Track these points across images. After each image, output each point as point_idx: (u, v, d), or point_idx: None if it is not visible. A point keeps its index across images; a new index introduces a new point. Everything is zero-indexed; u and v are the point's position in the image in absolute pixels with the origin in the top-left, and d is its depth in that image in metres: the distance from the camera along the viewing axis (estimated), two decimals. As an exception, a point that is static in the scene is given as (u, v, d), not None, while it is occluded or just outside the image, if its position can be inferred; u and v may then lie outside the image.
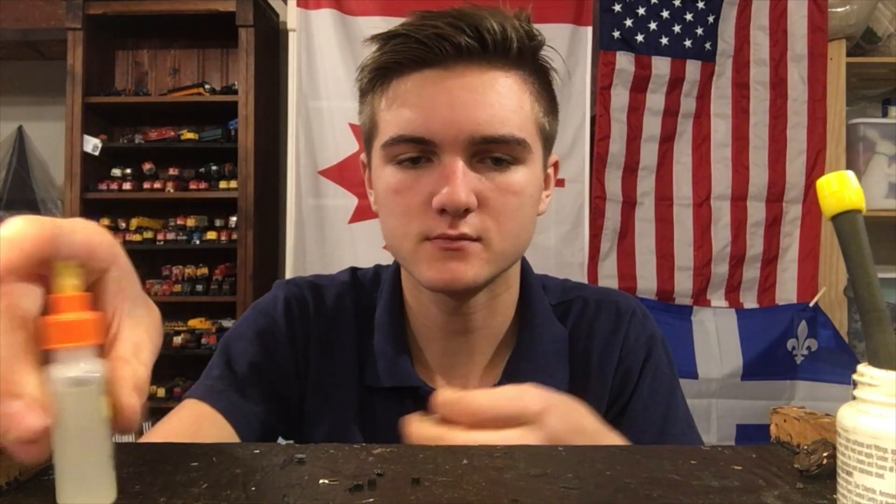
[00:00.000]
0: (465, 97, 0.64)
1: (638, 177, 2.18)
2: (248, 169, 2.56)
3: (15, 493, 0.36)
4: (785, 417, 0.48)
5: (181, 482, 0.38)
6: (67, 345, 0.32)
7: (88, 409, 0.32)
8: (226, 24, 2.57)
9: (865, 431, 0.28)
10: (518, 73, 0.68)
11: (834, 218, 0.31)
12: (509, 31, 0.65)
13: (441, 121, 0.64)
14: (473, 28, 0.64)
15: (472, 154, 0.65)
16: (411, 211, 0.66)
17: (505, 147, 0.66)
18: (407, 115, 0.66)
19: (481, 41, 0.65)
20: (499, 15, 0.66)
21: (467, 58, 0.65)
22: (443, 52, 0.65)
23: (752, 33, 2.19)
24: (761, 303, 2.19)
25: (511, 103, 0.66)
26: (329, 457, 0.42)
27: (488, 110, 0.65)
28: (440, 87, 0.65)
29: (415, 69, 0.66)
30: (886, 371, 0.29)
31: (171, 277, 2.69)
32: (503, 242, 0.67)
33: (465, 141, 0.64)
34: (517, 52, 0.66)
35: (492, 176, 0.66)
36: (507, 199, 0.66)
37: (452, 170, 0.64)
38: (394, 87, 0.68)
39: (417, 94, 0.66)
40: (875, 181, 2.30)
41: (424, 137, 0.65)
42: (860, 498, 0.28)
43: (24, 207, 2.88)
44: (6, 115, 2.97)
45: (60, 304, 0.33)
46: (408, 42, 0.66)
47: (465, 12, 0.65)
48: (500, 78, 0.66)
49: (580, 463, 0.42)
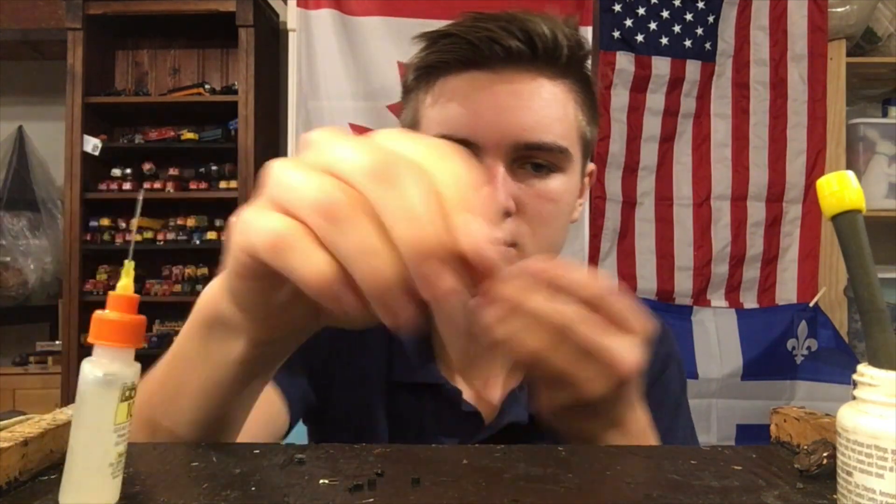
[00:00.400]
0: (511, 102, 0.64)
1: (638, 177, 2.18)
2: (248, 169, 2.56)
3: (15, 492, 0.36)
4: (785, 417, 0.48)
5: (181, 482, 0.38)
6: (105, 343, 0.33)
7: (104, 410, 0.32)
8: (226, 24, 2.57)
9: (865, 431, 0.28)
10: (565, 81, 0.68)
11: (834, 218, 0.31)
12: (560, 38, 0.65)
13: (486, 123, 0.64)
14: (524, 32, 0.64)
15: (514, 159, 0.65)
16: None
17: (547, 154, 0.65)
18: (451, 115, 0.66)
19: (531, 46, 0.65)
20: (550, 21, 0.66)
21: (516, 62, 0.65)
22: (492, 55, 0.64)
23: (752, 33, 2.19)
24: (761, 303, 2.19)
25: (556, 111, 0.66)
26: (329, 457, 0.42)
27: (533, 116, 0.65)
28: (487, 89, 0.65)
29: (462, 70, 0.66)
30: (886, 371, 0.29)
31: (171, 277, 2.70)
32: (537, 249, 0.66)
33: (509, 146, 0.64)
34: (566, 60, 0.66)
35: (531, 182, 0.66)
36: (544, 206, 0.66)
37: (493, 173, 0.63)
38: (439, 85, 0.68)
39: (463, 94, 0.66)
40: (875, 181, 2.30)
41: (468, 139, 0.64)
42: (860, 498, 0.28)
43: (24, 207, 2.88)
44: (6, 115, 2.97)
45: (111, 302, 0.33)
46: (458, 42, 0.66)
47: (516, 16, 0.65)
48: (547, 85, 0.66)
49: (580, 463, 0.42)
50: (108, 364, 0.33)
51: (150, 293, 2.64)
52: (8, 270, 2.83)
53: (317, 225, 0.31)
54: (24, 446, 0.37)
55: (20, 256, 2.84)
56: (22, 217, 2.87)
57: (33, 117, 3.03)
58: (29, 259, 2.85)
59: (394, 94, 2.08)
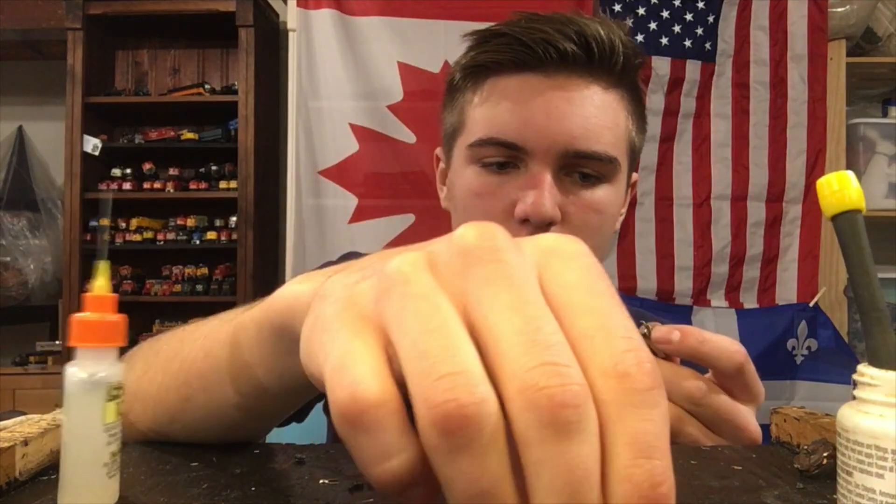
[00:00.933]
0: (563, 107, 0.62)
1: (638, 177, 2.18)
2: (248, 169, 2.56)
3: (15, 492, 0.36)
4: (785, 417, 0.48)
5: (181, 482, 0.38)
6: (87, 344, 0.32)
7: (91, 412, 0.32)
8: (226, 24, 2.57)
9: (865, 431, 0.28)
10: (618, 90, 0.66)
11: (834, 218, 0.31)
12: (616, 44, 0.64)
13: (536, 128, 0.62)
14: (581, 36, 0.62)
15: (561, 167, 0.63)
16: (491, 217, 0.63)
17: (596, 164, 0.64)
18: (500, 117, 0.64)
19: (587, 50, 0.63)
20: (606, 25, 0.64)
21: (571, 67, 0.63)
22: (546, 58, 0.62)
23: (752, 33, 2.19)
24: (761, 303, 2.19)
25: (608, 120, 0.64)
26: (329, 457, 0.42)
27: (585, 124, 0.63)
28: (540, 93, 0.63)
29: (514, 71, 0.64)
30: (886, 371, 0.29)
31: (171, 277, 2.70)
32: None
33: (558, 153, 0.62)
34: (622, 67, 0.65)
35: (577, 192, 0.64)
36: (589, 216, 0.64)
37: (541, 180, 0.62)
38: (489, 85, 0.66)
39: (514, 97, 0.63)
40: (875, 181, 2.30)
41: (517, 143, 0.63)
42: (860, 498, 0.28)
43: (24, 207, 2.88)
44: (6, 115, 2.97)
45: (88, 303, 0.33)
46: (511, 43, 0.63)
47: (572, 19, 0.63)
48: (600, 92, 0.64)
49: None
50: (91, 365, 0.32)
51: (150, 293, 2.64)
52: (8, 270, 2.83)
53: None
54: (24, 446, 0.37)
55: (20, 256, 2.84)
56: (22, 217, 2.87)
57: (33, 117, 3.03)
58: (29, 259, 2.85)
59: (394, 94, 2.08)
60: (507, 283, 0.21)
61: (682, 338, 0.46)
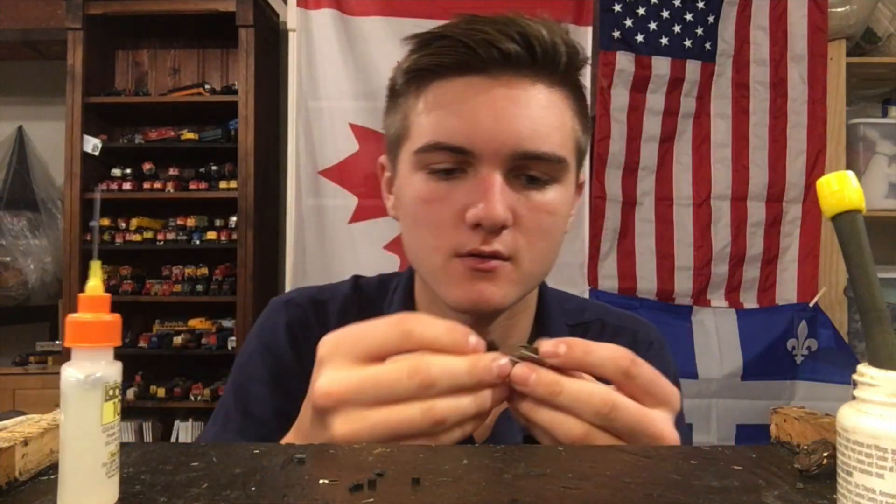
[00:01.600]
0: (509, 108, 0.62)
1: (638, 177, 2.18)
2: (248, 169, 2.56)
3: (15, 492, 0.36)
4: (785, 417, 0.48)
5: (181, 482, 0.38)
6: (83, 345, 0.33)
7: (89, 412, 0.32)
8: (226, 24, 2.57)
9: (865, 431, 0.28)
10: (563, 88, 0.65)
11: (834, 218, 0.31)
12: (559, 43, 0.63)
13: (483, 131, 0.61)
14: (523, 36, 0.61)
15: (510, 169, 0.62)
16: (442, 224, 0.63)
17: (545, 165, 0.63)
18: (446, 122, 0.63)
19: (530, 50, 0.62)
20: (548, 25, 0.63)
21: (514, 67, 0.62)
22: (489, 59, 0.62)
23: (752, 33, 2.19)
24: (761, 303, 2.19)
25: (555, 119, 0.64)
26: (329, 457, 0.42)
27: (532, 124, 0.62)
28: (485, 95, 0.62)
29: (458, 74, 0.63)
30: (886, 371, 0.29)
31: (171, 277, 2.69)
32: (533, 263, 0.64)
33: (506, 155, 0.61)
34: (565, 66, 0.64)
35: (528, 194, 0.63)
36: (541, 218, 0.63)
37: (491, 183, 0.61)
38: (433, 90, 0.64)
39: (459, 100, 0.62)
40: (875, 181, 2.30)
41: (464, 147, 0.62)
42: (860, 498, 0.28)
43: (24, 207, 2.89)
44: (6, 115, 2.97)
45: (82, 304, 0.33)
46: (454, 45, 0.62)
47: (514, 19, 0.62)
48: (545, 91, 0.64)
49: (580, 463, 0.42)
50: (88, 366, 0.32)
51: (150, 293, 2.64)
52: (8, 270, 2.83)
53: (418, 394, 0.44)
54: (24, 446, 0.37)
55: (20, 256, 2.84)
56: (22, 217, 2.87)
57: (33, 117, 3.03)
58: (29, 259, 2.85)
59: (394, 94, 2.08)
60: None
61: (567, 350, 0.46)
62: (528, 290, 0.67)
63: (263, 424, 0.69)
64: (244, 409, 0.70)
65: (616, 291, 2.15)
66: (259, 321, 0.78)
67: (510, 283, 0.63)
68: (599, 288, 2.13)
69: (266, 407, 0.70)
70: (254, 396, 0.71)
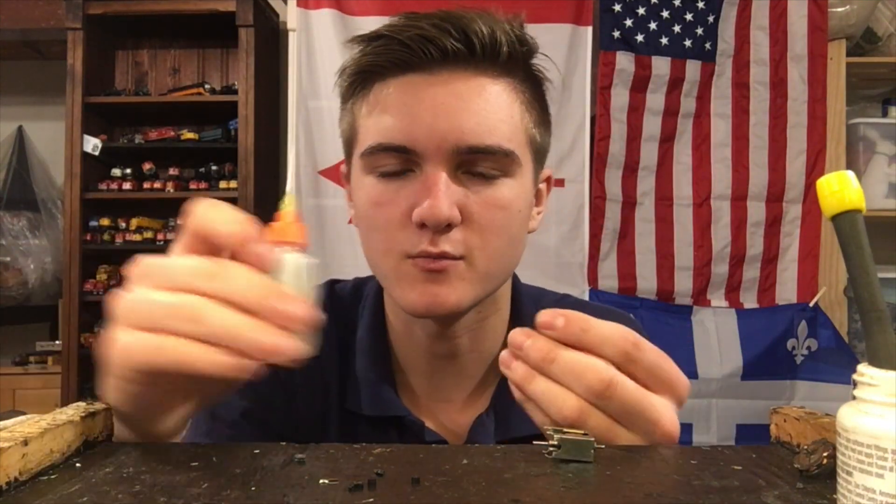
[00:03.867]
0: (450, 104, 0.60)
1: (638, 177, 2.18)
2: (248, 169, 2.56)
3: (15, 492, 0.36)
4: (785, 417, 0.48)
5: (181, 482, 0.38)
6: (300, 243, 0.46)
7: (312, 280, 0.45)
8: (226, 24, 2.57)
9: (865, 431, 0.28)
10: (508, 80, 0.63)
11: (834, 218, 0.31)
12: (498, 35, 0.61)
13: (424, 128, 0.60)
14: (460, 31, 0.60)
15: (457, 165, 0.61)
16: (391, 226, 0.62)
17: (492, 159, 0.61)
18: (388, 123, 0.61)
19: (468, 45, 0.61)
20: (488, 18, 0.62)
21: (453, 62, 0.61)
22: (427, 56, 0.61)
23: (752, 33, 2.19)
24: (761, 303, 2.19)
25: (500, 112, 0.62)
26: (329, 457, 0.42)
27: (475, 118, 0.60)
28: (424, 92, 0.61)
29: (398, 73, 0.62)
30: (886, 371, 0.29)
31: (171, 277, 2.69)
32: (489, 262, 0.62)
33: (450, 150, 0.60)
34: (507, 57, 0.62)
35: (477, 189, 0.61)
36: (493, 214, 0.62)
37: (434, 181, 0.59)
38: (375, 92, 0.64)
39: (399, 99, 0.62)
40: (875, 181, 2.30)
41: (406, 146, 0.60)
42: (860, 498, 0.28)
43: (24, 207, 2.89)
44: (6, 115, 2.97)
45: (282, 217, 0.47)
46: (390, 44, 0.62)
47: (451, 14, 0.61)
48: (488, 84, 0.62)
49: (580, 463, 0.42)
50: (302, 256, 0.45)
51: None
52: (8, 270, 2.83)
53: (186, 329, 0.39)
54: (24, 446, 0.37)
55: (20, 256, 2.84)
56: (22, 217, 2.87)
57: (33, 117, 3.03)
58: (29, 259, 2.85)
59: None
60: None
61: (566, 324, 0.44)
62: (487, 290, 0.65)
63: (231, 426, 0.68)
64: (212, 412, 0.69)
65: (616, 291, 2.15)
66: None
67: (465, 284, 0.61)
68: (599, 288, 2.13)
69: (233, 409, 0.69)
70: None
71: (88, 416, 0.44)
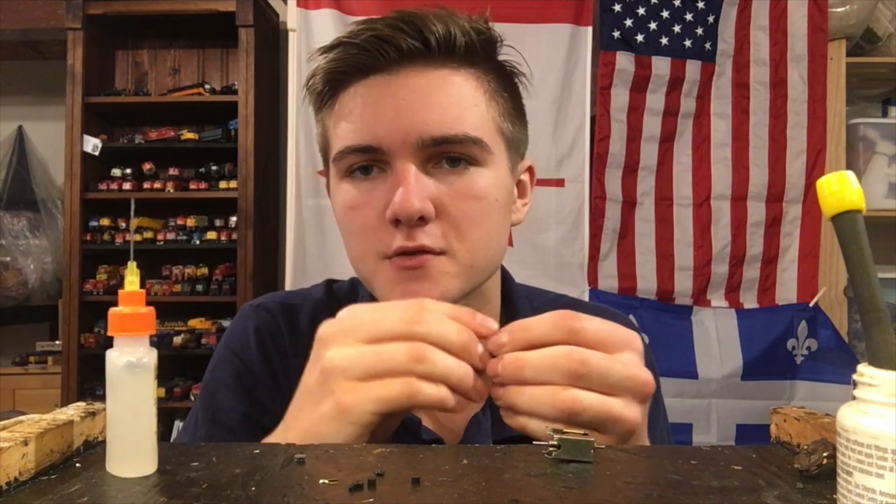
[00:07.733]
0: (411, 99, 0.61)
1: (638, 177, 2.18)
2: (248, 169, 2.56)
3: (15, 492, 0.36)
4: (785, 417, 0.48)
5: (181, 482, 0.38)
6: (125, 333, 0.38)
7: (143, 389, 0.37)
8: (226, 24, 2.57)
9: (865, 431, 0.28)
10: (470, 70, 0.64)
11: (834, 218, 0.31)
12: (453, 29, 0.62)
13: (387, 126, 0.61)
14: (415, 28, 0.61)
15: (426, 158, 0.61)
16: (367, 228, 0.62)
17: (459, 147, 0.61)
18: (353, 126, 0.62)
19: (424, 41, 0.62)
20: (442, 13, 0.63)
21: (411, 60, 0.62)
22: (385, 57, 0.61)
23: (752, 33, 2.19)
24: (761, 303, 2.19)
25: (463, 101, 0.62)
26: (329, 457, 0.42)
27: (436, 110, 0.61)
28: (385, 91, 0.62)
29: (360, 77, 0.63)
30: (886, 371, 0.29)
31: (171, 277, 2.70)
32: (470, 254, 0.62)
33: (415, 144, 0.60)
34: (464, 49, 0.63)
35: (449, 180, 0.62)
36: (467, 204, 0.62)
37: (404, 176, 0.60)
38: (340, 99, 0.65)
39: (363, 102, 0.63)
40: (875, 181, 2.30)
41: (371, 145, 0.61)
42: (860, 498, 0.28)
43: (24, 207, 2.88)
44: (6, 115, 2.97)
45: (122, 299, 0.38)
46: (348, 50, 0.63)
47: (406, 13, 0.62)
48: (448, 76, 0.63)
49: (580, 463, 0.42)
50: (137, 351, 0.38)
51: (150, 293, 2.64)
52: (8, 270, 2.83)
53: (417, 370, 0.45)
54: (24, 446, 0.37)
55: (20, 256, 2.84)
56: (22, 217, 2.87)
57: (33, 117, 3.03)
58: (29, 259, 2.84)
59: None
60: None
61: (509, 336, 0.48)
62: (472, 283, 0.64)
63: (231, 431, 0.68)
64: (212, 416, 0.69)
65: (616, 291, 2.15)
66: (230, 326, 0.78)
67: (448, 278, 0.61)
68: (599, 288, 2.13)
69: (233, 414, 0.69)
70: (221, 404, 0.70)
71: (88, 416, 0.44)
